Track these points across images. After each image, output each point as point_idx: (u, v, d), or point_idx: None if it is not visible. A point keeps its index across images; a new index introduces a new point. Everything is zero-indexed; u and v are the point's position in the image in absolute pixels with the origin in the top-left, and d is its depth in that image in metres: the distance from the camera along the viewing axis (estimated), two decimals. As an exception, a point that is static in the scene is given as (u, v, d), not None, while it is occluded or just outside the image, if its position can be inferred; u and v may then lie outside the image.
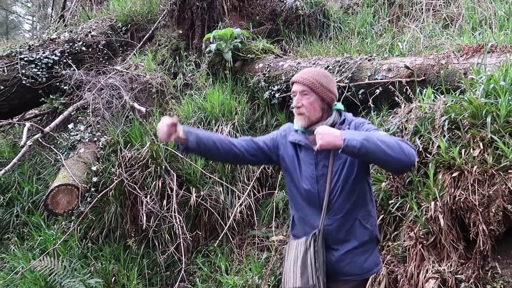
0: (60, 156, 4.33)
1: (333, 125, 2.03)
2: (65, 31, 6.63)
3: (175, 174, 4.39)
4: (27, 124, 4.77)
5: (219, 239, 4.26)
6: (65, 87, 5.55)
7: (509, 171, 2.59)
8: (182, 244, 4.09)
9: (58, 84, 5.62)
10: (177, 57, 6.10)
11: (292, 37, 6.06)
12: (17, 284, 4.05)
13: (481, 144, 2.71)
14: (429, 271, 2.78)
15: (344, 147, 1.70)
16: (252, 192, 4.52)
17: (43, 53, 5.75)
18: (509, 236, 2.68)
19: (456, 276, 2.71)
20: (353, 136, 1.71)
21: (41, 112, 6.50)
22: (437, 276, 2.73)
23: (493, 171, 2.62)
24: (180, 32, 6.23)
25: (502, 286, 2.54)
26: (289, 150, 2.14)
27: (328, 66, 4.45)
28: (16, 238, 4.62)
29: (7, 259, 4.40)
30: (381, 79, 3.89)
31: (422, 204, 2.86)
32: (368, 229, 2.02)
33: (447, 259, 2.81)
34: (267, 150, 2.18)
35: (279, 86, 4.86)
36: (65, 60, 5.84)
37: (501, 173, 2.60)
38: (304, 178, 2.06)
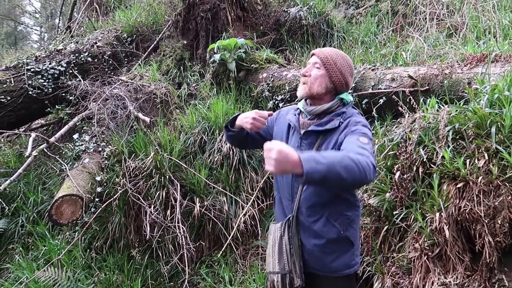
0: (65, 166, 4.35)
1: (328, 111, 2.02)
2: (71, 42, 6.71)
3: (179, 184, 4.40)
4: (33, 134, 4.81)
5: (223, 249, 4.24)
6: (70, 98, 5.60)
7: (515, 182, 2.57)
8: (185, 255, 4.08)
9: (64, 94, 5.67)
10: (181, 67, 6.14)
11: (296, 47, 6.08)
12: (22, 295, 4.06)
13: (486, 155, 2.69)
14: (435, 283, 2.75)
15: (304, 181, 1.53)
16: (256, 202, 4.51)
17: (50, 64, 5.82)
18: (515, 248, 2.64)
19: (462, 288, 2.67)
20: (315, 168, 1.51)
21: (47, 122, 6.55)
22: (443, 288, 2.70)
23: (498, 182, 2.59)
24: (185, 42, 6.28)
25: (509, 299, 2.50)
26: (283, 127, 2.18)
27: (331, 76, 4.45)
28: (20, 248, 4.64)
29: (12, 269, 4.42)
30: (384, 88, 3.89)
31: (427, 215, 2.83)
32: (336, 227, 1.97)
33: (453, 271, 2.77)
34: (266, 128, 2.27)
35: (283, 96, 4.87)
36: (71, 71, 5.90)
37: (507, 184, 2.57)
38: None
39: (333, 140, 1.96)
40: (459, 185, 2.71)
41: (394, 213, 3.04)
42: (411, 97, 3.30)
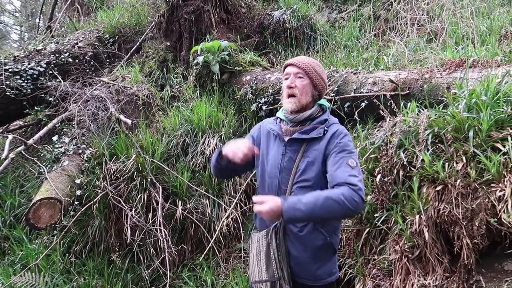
0: (43, 168, 4.26)
1: (310, 118, 2.05)
2: (51, 42, 6.58)
3: (161, 187, 4.35)
4: (10, 136, 4.69)
5: (205, 252, 4.21)
6: (50, 99, 5.49)
7: (492, 184, 2.62)
8: (167, 258, 4.03)
9: (43, 95, 5.55)
10: (164, 69, 6.09)
11: (280, 50, 6.10)
12: (-3, 301, 3.95)
13: (464, 158, 2.74)
14: (415, 285, 2.78)
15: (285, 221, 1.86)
16: (239, 205, 4.50)
17: (29, 64, 5.69)
18: (493, 249, 2.68)
19: (441, 289, 2.71)
20: (296, 216, 1.79)
21: (26, 123, 6.41)
22: (422, 290, 2.73)
23: (476, 184, 2.64)
24: (168, 44, 6.23)
25: (486, 300, 2.55)
26: (264, 138, 2.19)
27: (314, 79, 4.48)
28: (-4, 253, 4.52)
29: (-13, 274, 4.29)
30: (366, 92, 3.93)
31: (407, 218, 2.87)
32: (323, 234, 1.99)
33: (432, 273, 2.80)
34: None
35: (266, 99, 4.87)
36: (50, 72, 5.79)
37: (484, 187, 2.62)
38: (270, 167, 2.10)
39: (317, 147, 1.99)
40: (438, 188, 2.76)
41: (375, 215, 3.08)
42: (392, 101, 3.34)
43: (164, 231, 4.10)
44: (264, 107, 4.86)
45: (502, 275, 2.60)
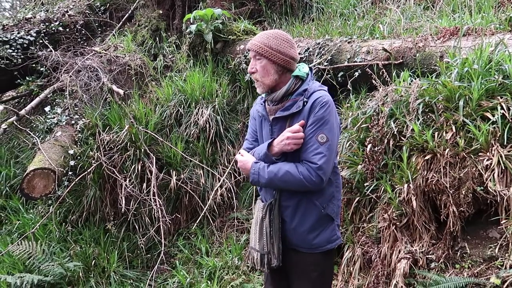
0: (36, 139, 4.25)
1: (287, 94, 2.02)
2: (41, 10, 6.42)
3: (154, 157, 4.37)
4: (1, 106, 4.66)
5: (199, 221, 4.28)
6: (41, 69, 5.42)
7: (480, 154, 2.64)
8: (162, 227, 4.10)
9: (34, 65, 5.48)
10: (157, 38, 5.98)
11: (275, 18, 5.98)
12: (-4, 268, 4.03)
13: (453, 127, 2.74)
14: (402, 252, 2.85)
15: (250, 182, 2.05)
16: (232, 175, 4.53)
17: (18, 33, 5.58)
18: (478, 217, 2.73)
19: (427, 256, 2.78)
20: (258, 181, 2.00)
21: (19, 94, 6.35)
22: (409, 256, 2.80)
23: (464, 154, 2.66)
24: (161, 12, 6.10)
25: (470, 266, 2.61)
26: (257, 120, 2.20)
27: (308, 48, 4.42)
28: (-6, 223, 4.58)
29: (-15, 243, 4.37)
30: (360, 61, 3.89)
31: (396, 187, 2.90)
32: (317, 206, 2.01)
33: (419, 240, 2.87)
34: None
35: (260, 68, 4.81)
36: (41, 41, 5.68)
37: (472, 156, 2.64)
38: None
39: (300, 119, 1.96)
40: (427, 157, 2.78)
41: (365, 185, 3.11)
42: (385, 70, 3.31)
43: (159, 201, 4.15)
44: (257, 77, 4.81)
45: (487, 242, 2.67)
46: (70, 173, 4.13)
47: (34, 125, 4.78)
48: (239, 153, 2.15)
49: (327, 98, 1.95)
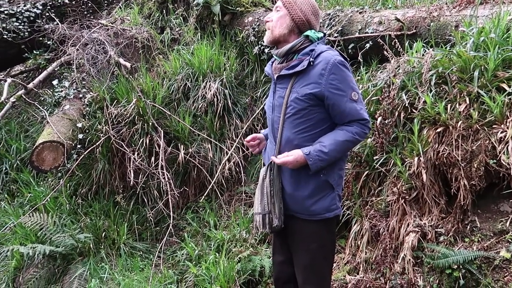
0: (44, 113, 4.26)
1: (294, 50, 2.00)
2: (46, -18, 6.31)
3: (162, 131, 4.36)
4: (8, 80, 4.66)
5: (207, 194, 4.29)
6: (48, 42, 5.38)
7: (494, 126, 2.57)
8: (170, 200, 4.12)
9: (41, 39, 5.43)
10: (164, 10, 5.86)
11: (284, -11, 5.80)
12: (9, 239, 4.13)
13: (467, 99, 2.67)
14: (410, 225, 2.83)
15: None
16: (240, 149, 4.52)
17: (24, 6, 5.52)
18: (490, 191, 2.69)
19: (436, 230, 2.76)
20: (320, 166, 1.93)
21: (27, 68, 6.35)
22: (417, 229, 2.78)
23: (477, 126, 2.60)
24: (167, -17, 5.95)
25: (479, 239, 2.59)
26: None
27: (318, 20, 4.30)
28: (6, 195, 4.66)
29: (-2, 215, 4.46)
30: (371, 32, 3.77)
31: (406, 160, 2.86)
32: (316, 172, 1.98)
33: (428, 214, 2.84)
34: None
35: (268, 41, 4.71)
36: (47, 14, 5.61)
37: (485, 128, 2.57)
38: (266, 106, 2.19)
39: (306, 80, 1.94)
40: (438, 130, 2.72)
41: (375, 158, 3.07)
42: (397, 41, 3.21)
43: (167, 174, 4.16)
44: (266, 50, 4.72)
45: (497, 216, 2.63)
46: (78, 146, 4.15)
47: (43, 99, 4.78)
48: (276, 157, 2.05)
49: (338, 58, 1.93)
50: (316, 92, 1.91)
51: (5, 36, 5.27)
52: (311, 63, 1.92)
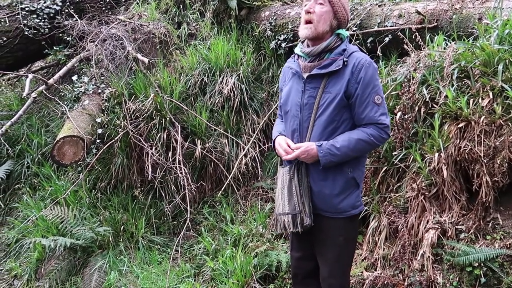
0: (64, 108, 4.33)
1: (327, 50, 1.96)
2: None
3: (179, 126, 4.38)
4: (30, 75, 4.75)
5: (224, 189, 4.31)
6: (68, 38, 5.45)
7: (518, 121, 2.50)
8: (188, 195, 4.16)
9: (61, 35, 5.51)
10: (181, 5, 5.87)
11: (301, -17, 5.76)
12: (31, 232, 4.23)
13: (490, 94, 2.60)
14: (430, 222, 2.79)
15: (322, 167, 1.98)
16: (257, 144, 4.52)
17: (44, 2, 5.60)
18: (513, 188, 2.63)
19: (456, 227, 2.71)
20: (331, 161, 1.94)
21: (47, 64, 6.45)
22: (437, 226, 2.74)
23: (501, 121, 2.53)
24: (184, -22, 5.96)
25: (502, 237, 2.53)
26: (287, 80, 2.17)
27: (336, 13, 4.25)
28: (28, 189, 4.77)
29: (20, 208, 4.58)
30: (391, 26, 3.71)
31: (426, 156, 2.81)
32: (345, 168, 2.00)
33: (449, 210, 2.80)
34: None
35: (285, 35, 4.69)
36: (66, 10, 5.69)
37: (509, 124, 2.51)
38: (291, 105, 2.09)
39: (338, 80, 1.93)
40: (460, 125, 2.66)
41: (394, 154, 3.03)
42: (418, 35, 3.15)
43: (184, 169, 4.19)
44: (283, 44, 4.70)
45: (521, 213, 2.57)
46: (98, 141, 4.21)
47: (63, 94, 4.86)
48: (290, 148, 2.04)
49: (368, 59, 1.93)
50: (346, 92, 1.91)
51: (26, 33, 5.36)
52: (345, 63, 1.90)
